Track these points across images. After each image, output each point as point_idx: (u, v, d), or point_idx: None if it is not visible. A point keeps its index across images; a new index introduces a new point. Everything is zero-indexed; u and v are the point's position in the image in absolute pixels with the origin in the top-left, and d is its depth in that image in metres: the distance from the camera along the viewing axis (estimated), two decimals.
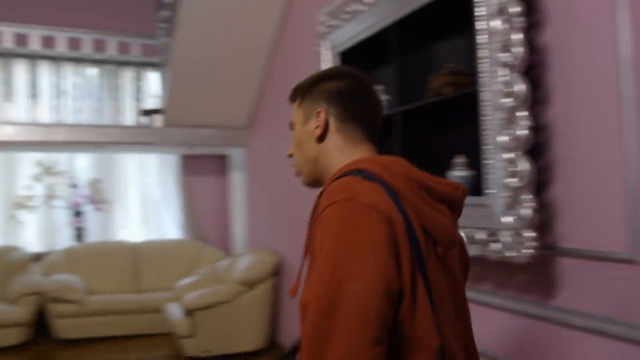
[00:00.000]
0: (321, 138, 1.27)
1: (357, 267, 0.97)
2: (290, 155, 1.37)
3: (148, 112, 6.07)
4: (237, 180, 6.66)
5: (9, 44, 5.78)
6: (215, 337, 4.91)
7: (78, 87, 6.16)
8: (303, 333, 1.00)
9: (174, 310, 5.15)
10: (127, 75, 6.94)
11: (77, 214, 6.76)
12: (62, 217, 6.83)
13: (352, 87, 1.28)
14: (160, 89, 6.24)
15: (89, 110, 6.03)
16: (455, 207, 1.21)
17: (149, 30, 6.44)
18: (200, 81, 5.47)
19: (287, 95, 1.40)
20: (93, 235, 6.89)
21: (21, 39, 5.93)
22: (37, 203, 6.66)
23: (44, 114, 6.14)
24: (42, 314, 5.77)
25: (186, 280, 5.60)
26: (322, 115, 1.27)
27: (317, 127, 1.27)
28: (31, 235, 6.74)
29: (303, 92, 1.32)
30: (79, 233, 6.77)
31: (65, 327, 5.66)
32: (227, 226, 7.11)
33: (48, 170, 6.68)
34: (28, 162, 6.75)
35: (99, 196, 6.76)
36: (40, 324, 5.79)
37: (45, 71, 6.54)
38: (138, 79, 6.16)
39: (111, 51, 6.02)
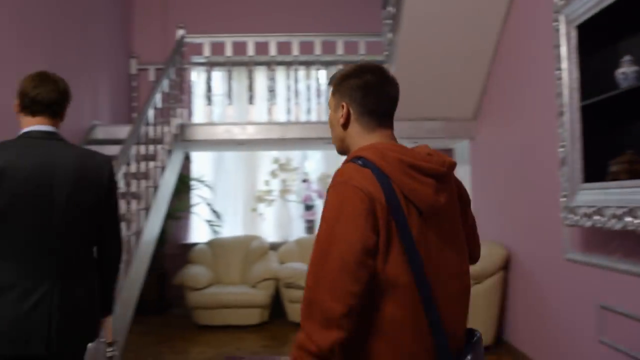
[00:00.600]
0: (345, 125, 1.61)
1: (343, 232, 1.36)
2: None
3: None
4: (462, 173, 6.50)
5: (251, 52, 6.37)
6: None
7: (309, 89, 6.55)
8: (307, 279, 1.39)
9: None
10: None
11: (308, 207, 7.20)
12: (295, 210, 7.34)
13: (369, 84, 1.57)
14: None
15: (318, 110, 6.37)
16: (444, 179, 1.52)
17: (375, 28, 6.62)
18: (424, 74, 5.45)
19: (519, 83, 1.41)
20: None
21: (261, 48, 6.51)
22: (273, 197, 7.25)
23: (280, 115, 6.65)
24: (278, 298, 6.25)
25: None
26: (345, 109, 1.59)
27: (341, 116, 1.60)
28: (269, 226, 7.37)
29: (336, 84, 1.63)
30: (310, 225, 7.20)
31: (297, 312, 6.04)
32: None
33: (283, 167, 7.23)
34: (267, 159, 7.39)
35: None
36: (275, 307, 6.28)
37: (281, 76, 7.12)
38: None
39: (339, 51, 6.29)
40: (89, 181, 2.19)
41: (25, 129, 2.18)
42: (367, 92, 1.57)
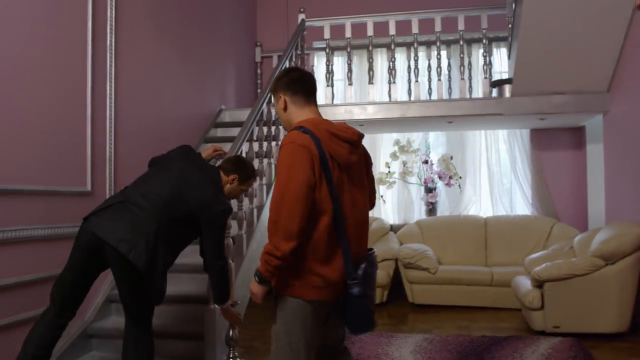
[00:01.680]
0: (285, 109, 2.35)
1: (294, 175, 2.05)
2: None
3: (497, 84, 5.98)
4: (594, 152, 6.07)
5: (370, 33, 6.35)
6: (567, 313, 4.55)
7: (429, 68, 6.43)
8: (271, 208, 2.09)
9: (523, 283, 4.96)
10: (476, 52, 6.99)
11: (429, 189, 7.07)
12: (416, 192, 7.25)
13: (293, 77, 2.34)
14: (508, 61, 6.10)
15: (439, 89, 6.23)
16: (355, 145, 2.25)
17: (498, 1, 6.36)
18: (551, 45, 5.14)
19: None
20: (443, 210, 7.14)
21: (380, 28, 6.47)
22: (394, 179, 7.21)
23: (400, 95, 6.59)
24: (397, 279, 6.22)
25: (536, 254, 5.38)
26: (282, 98, 2.34)
27: (282, 103, 2.35)
28: (389, 208, 7.35)
29: (273, 87, 2.40)
30: (431, 207, 7.08)
31: (416, 292, 5.98)
32: (582, 203, 6.56)
33: (403, 149, 7.15)
34: (387, 141, 7.37)
35: (449, 172, 6.95)
36: (394, 288, 6.26)
37: (401, 56, 7.05)
38: (486, 53, 6.10)
39: (460, 27, 6.10)
40: (192, 204, 3.04)
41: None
42: (292, 82, 2.33)
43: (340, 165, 2.19)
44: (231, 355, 3.48)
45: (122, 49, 4.53)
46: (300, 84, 2.34)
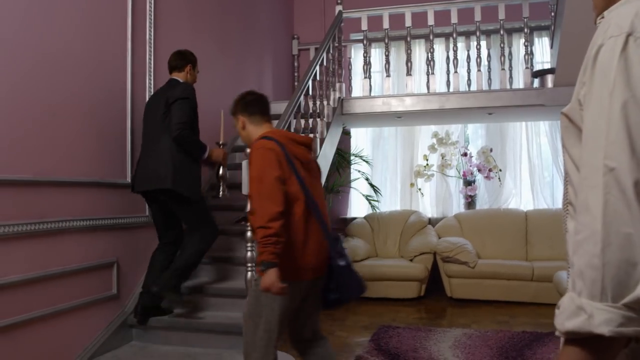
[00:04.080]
0: (243, 128, 2.79)
1: (267, 172, 2.43)
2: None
3: (539, 74, 5.84)
4: None
5: (408, 23, 6.26)
6: None
7: (468, 59, 6.31)
8: (252, 202, 2.43)
9: (565, 278, 4.84)
10: (517, 42, 6.83)
11: (469, 182, 6.97)
12: (454, 185, 7.16)
13: (249, 101, 2.78)
14: (550, 50, 5.94)
15: (479, 80, 6.10)
16: (309, 147, 2.74)
17: None
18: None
19: None
20: (483, 203, 7.02)
21: (418, 18, 6.37)
22: (432, 172, 7.12)
23: (439, 86, 6.50)
24: (435, 273, 6.15)
25: None
26: (240, 119, 2.79)
27: (240, 123, 2.79)
28: (427, 201, 7.26)
29: (233, 111, 2.82)
30: (470, 200, 6.97)
31: (454, 287, 5.91)
32: None
33: (442, 141, 7.06)
34: (425, 134, 7.28)
35: (489, 165, 6.83)
36: (432, 282, 6.19)
37: (439, 47, 6.95)
38: (528, 42, 5.95)
39: (500, 16, 5.96)
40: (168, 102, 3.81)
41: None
42: (249, 104, 2.77)
43: (302, 163, 2.60)
44: (222, 189, 4.19)
45: (161, 42, 4.57)
46: (256, 106, 2.77)
